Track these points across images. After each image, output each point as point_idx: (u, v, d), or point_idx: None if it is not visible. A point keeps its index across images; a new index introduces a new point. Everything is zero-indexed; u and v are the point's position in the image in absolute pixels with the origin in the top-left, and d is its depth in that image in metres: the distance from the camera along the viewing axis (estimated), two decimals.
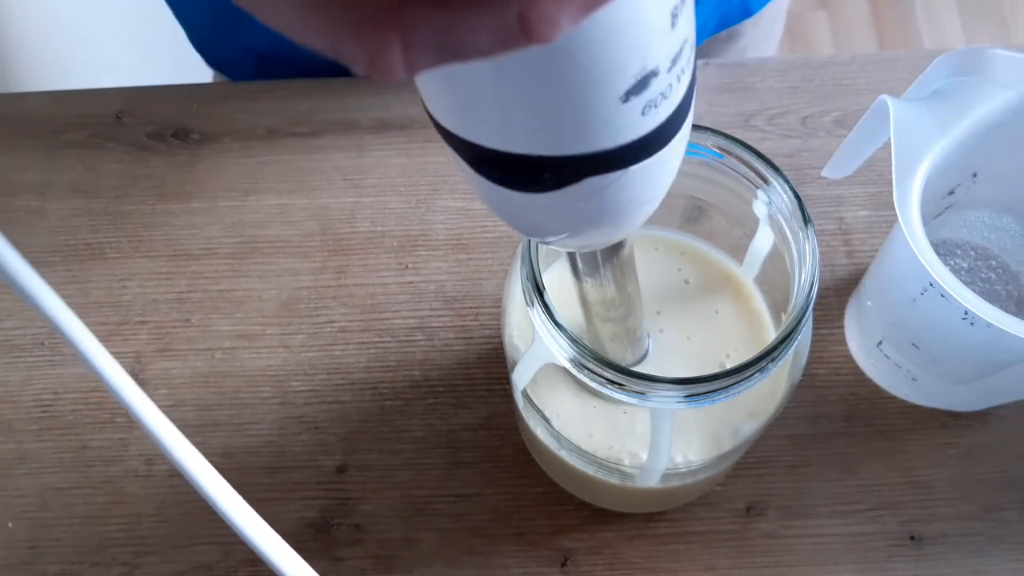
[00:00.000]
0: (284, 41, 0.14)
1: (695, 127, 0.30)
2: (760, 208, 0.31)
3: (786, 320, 0.28)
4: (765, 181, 0.30)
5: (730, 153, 0.30)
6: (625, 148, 0.18)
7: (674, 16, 0.17)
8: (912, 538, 0.39)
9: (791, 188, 0.29)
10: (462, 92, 0.17)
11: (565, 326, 0.27)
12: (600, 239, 0.24)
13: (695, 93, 0.20)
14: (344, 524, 0.40)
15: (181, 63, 0.69)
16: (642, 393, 0.27)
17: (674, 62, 0.17)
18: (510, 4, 0.12)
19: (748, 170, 0.30)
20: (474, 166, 0.20)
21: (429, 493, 0.40)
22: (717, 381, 0.27)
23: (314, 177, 0.47)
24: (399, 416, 0.42)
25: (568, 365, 0.28)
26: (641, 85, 0.17)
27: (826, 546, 0.39)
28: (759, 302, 0.35)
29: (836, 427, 0.41)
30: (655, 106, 0.18)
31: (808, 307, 0.28)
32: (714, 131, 0.30)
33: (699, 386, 0.27)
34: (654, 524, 0.40)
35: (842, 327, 0.43)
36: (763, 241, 0.33)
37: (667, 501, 0.39)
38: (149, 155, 0.48)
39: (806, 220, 0.29)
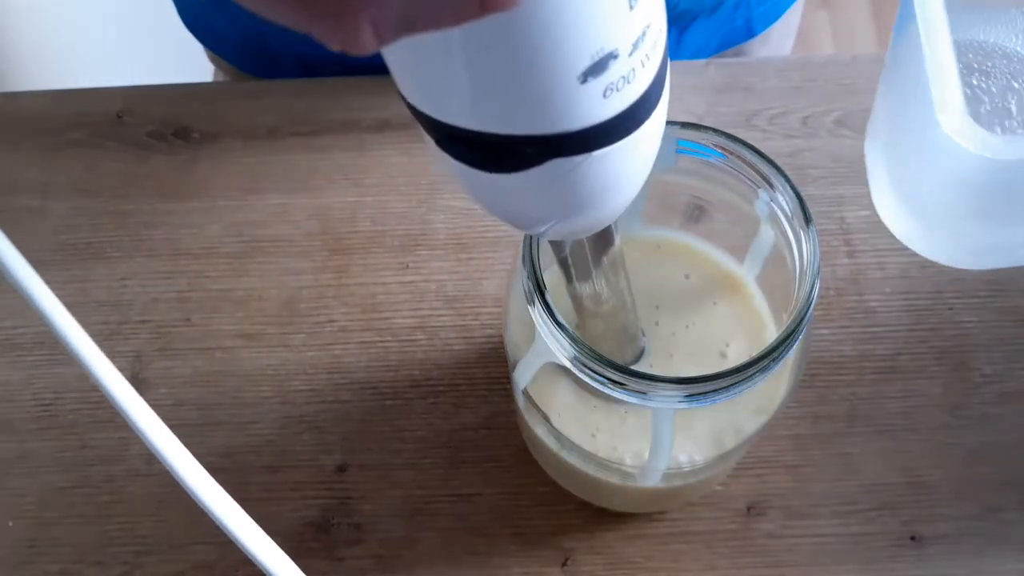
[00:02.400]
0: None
1: (696, 126, 0.30)
2: (761, 208, 0.31)
3: (788, 319, 0.28)
4: (767, 181, 0.30)
5: (732, 153, 0.30)
6: (588, 131, 0.18)
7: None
8: (913, 538, 0.39)
9: (792, 187, 0.29)
10: (424, 67, 0.18)
11: (566, 325, 0.27)
12: (577, 226, 0.24)
13: (667, 84, 0.20)
14: (344, 524, 0.40)
15: (182, 62, 0.69)
16: (643, 393, 0.27)
17: (635, 46, 0.17)
18: None
19: (750, 169, 0.30)
20: (440, 144, 0.20)
21: (430, 493, 0.40)
22: (719, 380, 0.27)
23: (315, 176, 0.47)
24: (400, 415, 0.42)
25: (569, 364, 0.28)
26: (600, 66, 0.17)
27: (827, 546, 0.39)
28: (760, 301, 0.35)
29: (837, 427, 0.41)
30: (617, 89, 0.18)
31: (810, 306, 0.28)
32: (715, 130, 0.30)
33: (700, 385, 0.27)
34: (654, 524, 0.40)
35: (843, 327, 0.43)
36: (764, 241, 0.33)
37: (668, 500, 0.39)
38: (150, 154, 0.48)
39: (807, 219, 0.29)
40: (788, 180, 0.29)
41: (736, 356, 0.34)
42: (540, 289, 0.28)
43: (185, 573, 0.39)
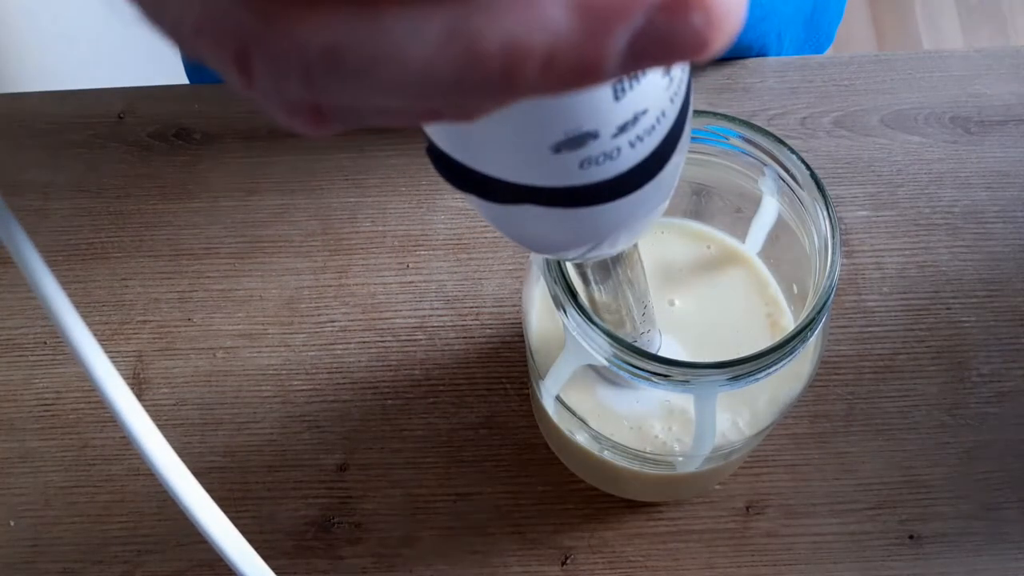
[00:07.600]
0: None
1: (698, 113, 0.30)
2: (768, 184, 0.31)
3: (821, 282, 0.28)
4: (773, 157, 0.30)
5: (743, 138, 0.30)
6: (560, 190, 0.19)
7: (618, 90, 0.17)
8: (911, 537, 0.39)
9: (801, 159, 0.29)
10: None
11: (603, 324, 0.27)
12: (567, 256, 0.24)
13: (672, 158, 0.20)
14: (345, 522, 0.40)
15: (183, 63, 0.69)
16: (686, 381, 0.27)
17: (622, 130, 0.17)
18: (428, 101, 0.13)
19: (755, 148, 0.30)
20: (426, 152, 0.20)
21: (430, 492, 0.40)
22: (761, 359, 0.27)
23: (316, 177, 0.47)
24: (400, 415, 0.42)
25: (607, 363, 0.28)
26: (575, 143, 0.17)
27: (825, 545, 0.39)
28: (766, 275, 0.36)
29: (835, 426, 0.41)
30: (596, 163, 0.18)
31: (837, 262, 0.28)
32: (715, 114, 0.30)
33: (743, 367, 0.27)
34: (654, 523, 0.40)
35: (842, 327, 0.43)
36: (766, 216, 0.33)
37: (701, 484, 0.39)
38: (151, 155, 0.48)
39: (819, 185, 0.29)
40: (795, 153, 0.29)
41: (751, 330, 0.34)
42: (572, 293, 0.27)
43: (186, 572, 0.39)
